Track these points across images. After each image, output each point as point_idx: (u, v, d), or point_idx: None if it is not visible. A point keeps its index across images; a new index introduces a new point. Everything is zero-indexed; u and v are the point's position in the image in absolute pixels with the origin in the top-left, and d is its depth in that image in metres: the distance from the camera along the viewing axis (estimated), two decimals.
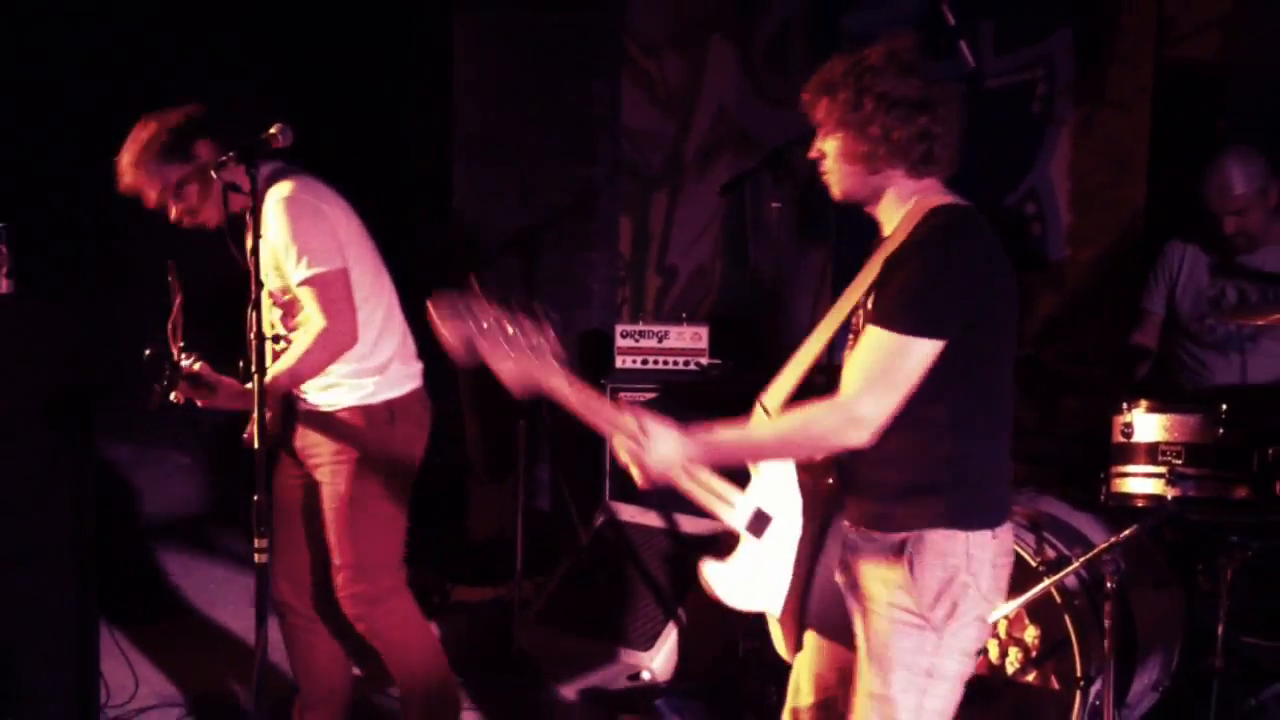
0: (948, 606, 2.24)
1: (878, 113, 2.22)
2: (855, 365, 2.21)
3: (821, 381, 2.41)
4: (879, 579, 2.29)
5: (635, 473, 2.30)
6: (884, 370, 2.17)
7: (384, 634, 3.31)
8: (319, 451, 3.27)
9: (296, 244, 3.08)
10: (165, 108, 3.21)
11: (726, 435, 2.27)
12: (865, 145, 2.25)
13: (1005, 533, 2.32)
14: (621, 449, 2.28)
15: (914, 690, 2.26)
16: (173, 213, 3.24)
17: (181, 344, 3.04)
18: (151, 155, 3.15)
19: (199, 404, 3.11)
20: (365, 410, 3.24)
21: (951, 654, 2.27)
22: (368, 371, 3.25)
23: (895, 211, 2.32)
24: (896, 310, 2.18)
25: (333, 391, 3.25)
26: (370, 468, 3.24)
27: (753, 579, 2.43)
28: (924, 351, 2.16)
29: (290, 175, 3.19)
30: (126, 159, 3.17)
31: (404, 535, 3.36)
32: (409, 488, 3.37)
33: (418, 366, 3.40)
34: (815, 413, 2.21)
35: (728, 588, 2.44)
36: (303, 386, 3.25)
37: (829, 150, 2.33)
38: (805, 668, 2.55)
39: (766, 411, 2.40)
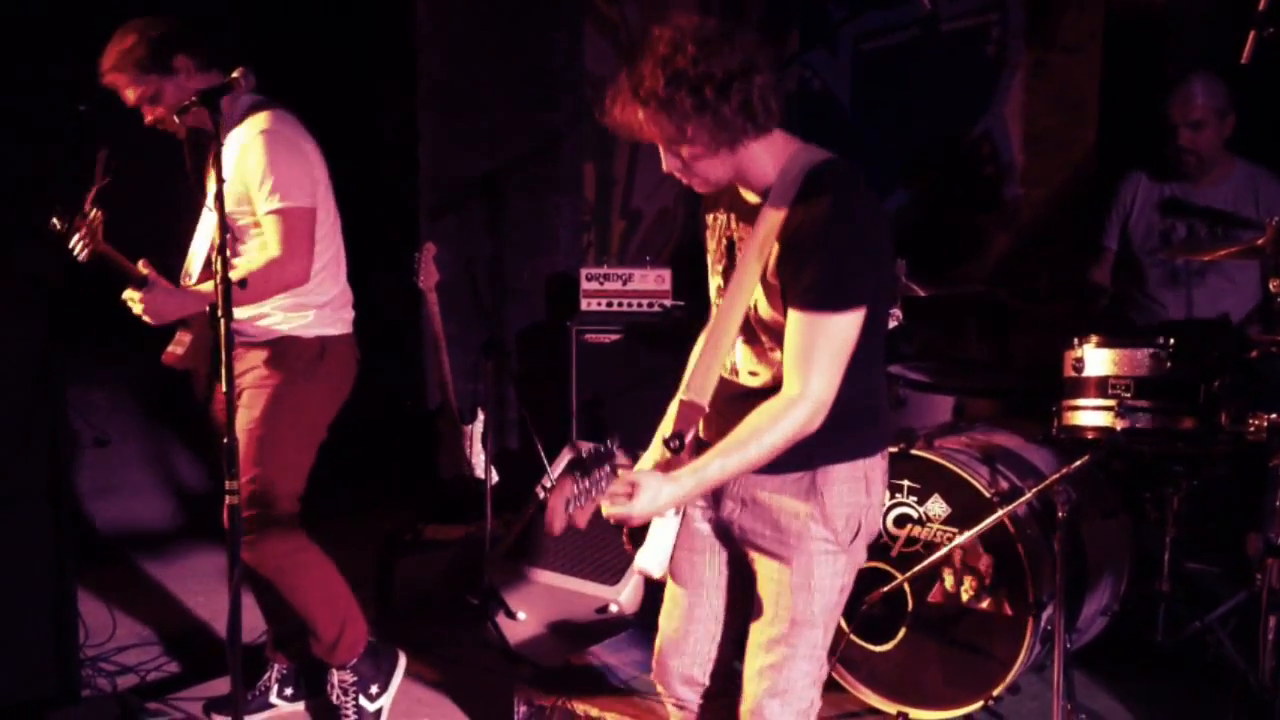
0: (854, 528, 2.40)
1: (723, 95, 2.15)
2: (799, 353, 2.22)
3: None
4: (793, 515, 2.37)
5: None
6: (829, 351, 2.21)
7: (266, 562, 3.28)
8: (247, 379, 3.30)
9: (272, 175, 3.11)
10: (147, 16, 3.22)
11: (710, 468, 2.24)
12: (725, 131, 2.18)
13: (888, 452, 2.49)
14: (608, 510, 2.25)
15: (832, 609, 2.43)
16: (147, 118, 3.28)
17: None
18: (130, 63, 3.19)
19: (144, 315, 3.10)
20: (297, 340, 3.30)
21: (854, 568, 2.46)
22: (307, 306, 3.30)
23: (761, 175, 2.30)
24: (826, 291, 2.20)
25: (266, 319, 3.29)
26: (289, 397, 3.28)
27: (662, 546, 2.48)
28: (857, 320, 2.22)
29: (270, 108, 3.23)
30: (107, 63, 3.21)
31: (306, 472, 3.38)
32: (323, 428, 3.41)
33: (350, 314, 3.46)
34: (778, 412, 2.23)
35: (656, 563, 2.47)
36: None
37: (685, 155, 2.25)
38: (680, 619, 2.61)
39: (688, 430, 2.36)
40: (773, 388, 2.30)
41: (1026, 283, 5.08)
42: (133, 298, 3.10)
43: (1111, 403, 3.59)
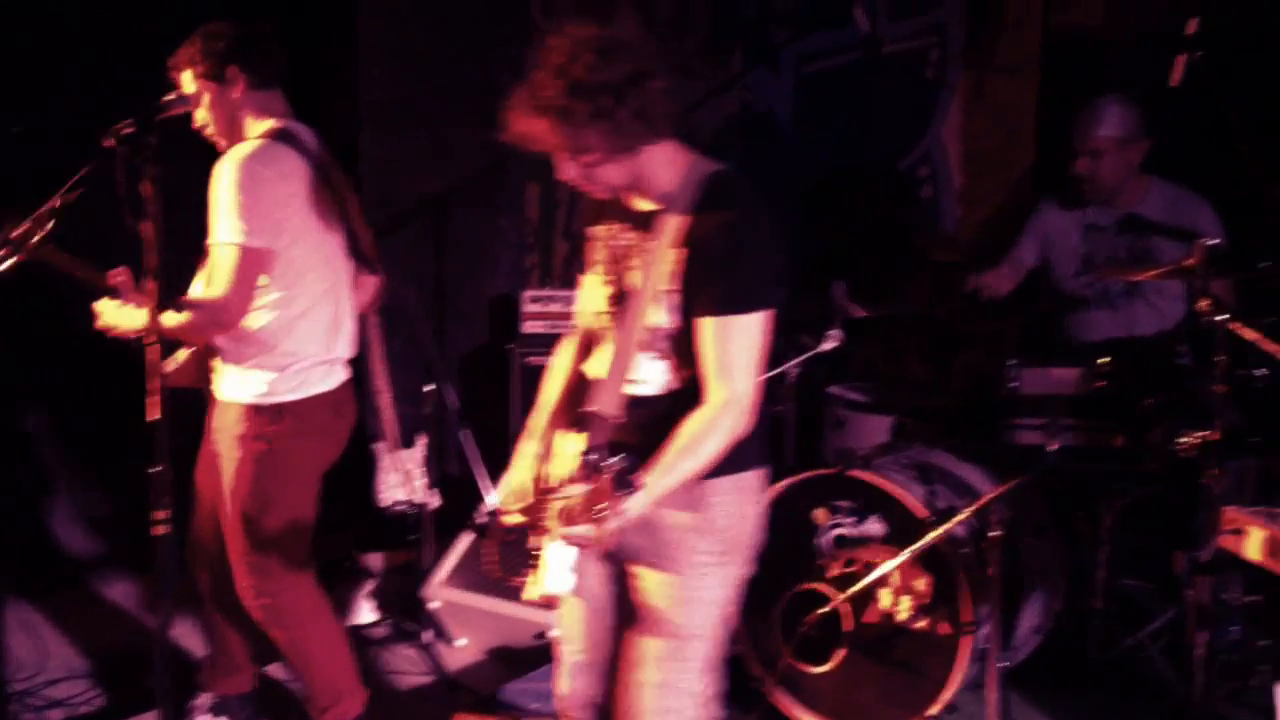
0: (737, 541, 2.42)
1: (619, 102, 2.18)
2: (718, 358, 2.25)
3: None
4: (676, 527, 2.38)
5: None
6: (747, 353, 2.26)
7: (275, 631, 3.25)
8: (219, 439, 3.20)
9: (230, 206, 2.97)
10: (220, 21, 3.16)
11: (659, 482, 2.23)
12: (622, 137, 2.22)
13: (768, 464, 2.50)
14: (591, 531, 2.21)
15: (712, 621, 2.43)
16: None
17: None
18: (185, 62, 3.13)
19: (110, 327, 3.02)
20: (256, 411, 3.13)
21: (738, 580, 2.46)
22: (267, 367, 3.12)
23: (659, 182, 2.33)
24: (738, 295, 2.25)
25: (237, 382, 3.16)
26: (260, 470, 3.13)
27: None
28: (768, 322, 2.29)
29: (270, 139, 3.09)
30: (173, 59, 3.15)
31: (308, 528, 3.27)
32: (310, 490, 3.27)
33: (336, 367, 3.25)
34: (713, 418, 2.25)
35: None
36: (215, 366, 3.21)
37: (584, 163, 2.29)
38: (581, 640, 2.62)
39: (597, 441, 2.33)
40: (667, 395, 2.36)
41: (966, 303, 5.13)
42: (101, 308, 3.03)
43: (1045, 421, 3.64)
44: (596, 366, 2.47)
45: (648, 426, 2.32)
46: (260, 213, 2.99)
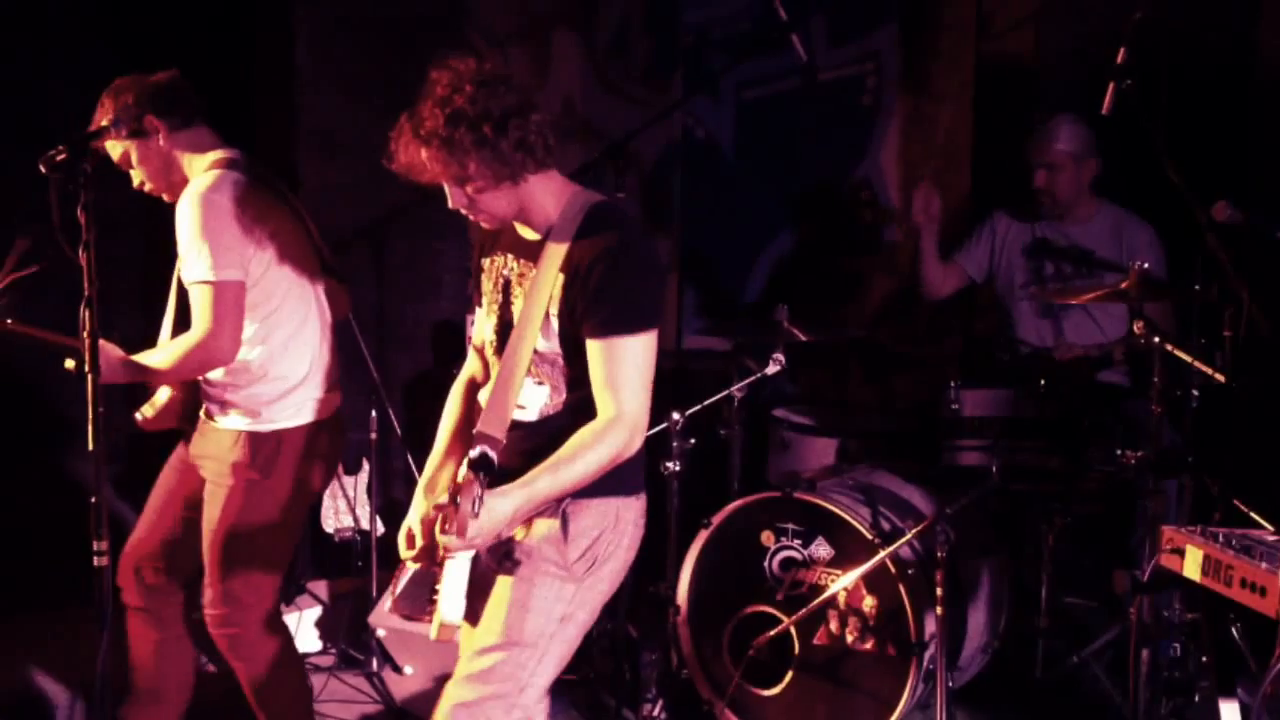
0: (589, 562, 2.43)
1: (501, 132, 2.28)
2: (606, 378, 2.31)
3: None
4: (534, 534, 2.41)
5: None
6: (634, 373, 2.32)
7: (238, 661, 3.19)
8: (206, 465, 3.14)
9: (199, 243, 2.94)
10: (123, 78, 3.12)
11: (539, 482, 2.29)
12: (504, 166, 2.30)
13: (643, 495, 2.52)
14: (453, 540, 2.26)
15: (545, 635, 2.41)
16: (133, 181, 3.20)
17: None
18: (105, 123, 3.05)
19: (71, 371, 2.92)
20: (252, 438, 3.09)
21: (585, 605, 2.46)
22: (263, 395, 3.09)
23: (542, 212, 2.42)
24: (622, 318, 2.32)
25: (228, 412, 3.11)
26: (250, 499, 3.09)
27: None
28: (652, 342, 2.35)
29: (222, 168, 3.06)
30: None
31: (282, 569, 3.22)
32: (298, 521, 3.24)
33: (325, 394, 3.20)
34: (600, 431, 2.31)
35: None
36: (207, 392, 3.16)
37: (469, 192, 2.36)
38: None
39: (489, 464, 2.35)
40: (549, 419, 2.41)
41: (907, 325, 5.20)
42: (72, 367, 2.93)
43: (986, 442, 3.70)
44: (486, 394, 2.50)
45: (530, 451, 2.37)
46: (226, 245, 2.97)
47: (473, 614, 2.43)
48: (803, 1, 4.99)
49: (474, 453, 2.32)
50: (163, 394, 3.23)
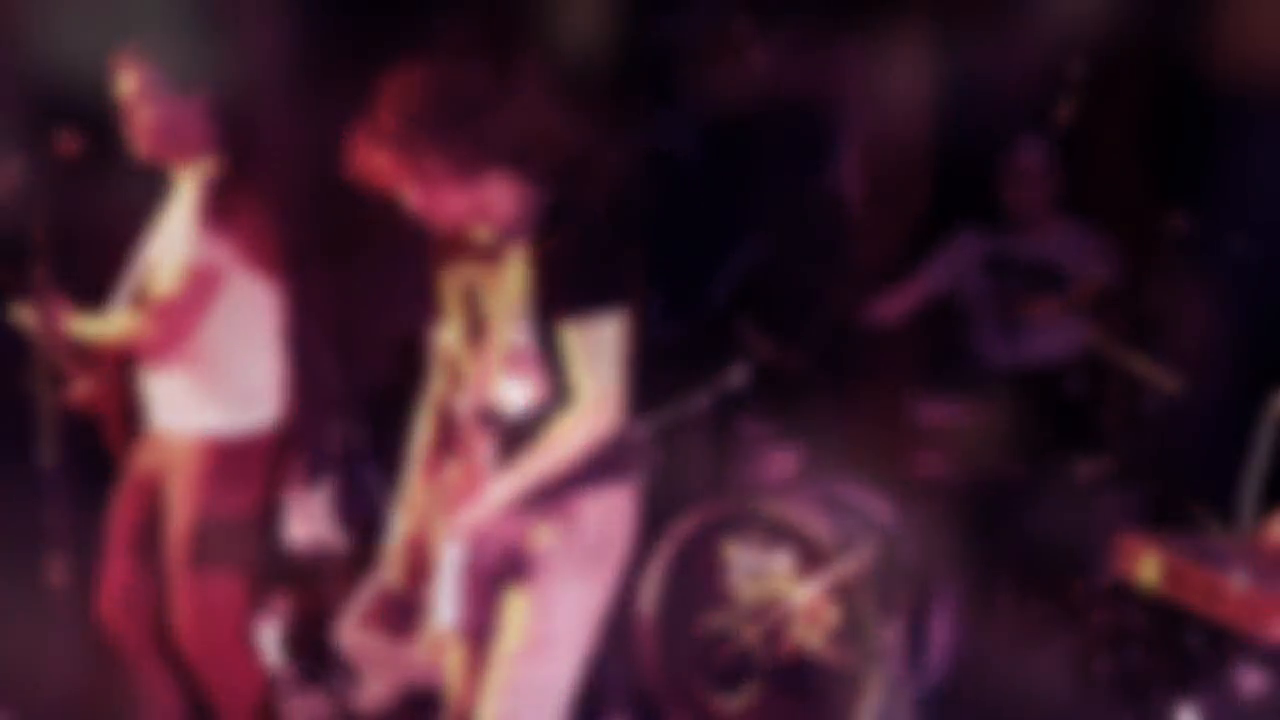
0: (609, 555, 2.46)
1: (459, 129, 2.27)
2: (583, 361, 2.32)
3: None
4: (540, 538, 2.42)
5: None
6: (610, 353, 2.32)
7: (207, 678, 3.14)
8: (170, 478, 3.08)
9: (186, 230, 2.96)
10: None
11: (527, 465, 2.33)
12: (462, 165, 2.30)
13: (640, 485, 2.54)
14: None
15: (567, 634, 2.44)
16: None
17: None
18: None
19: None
20: (217, 443, 3.04)
21: (597, 597, 2.48)
22: (224, 394, 3.05)
23: (501, 210, 2.39)
24: (592, 298, 2.31)
25: (192, 413, 3.05)
26: (220, 509, 3.03)
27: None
28: (623, 323, 2.34)
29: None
30: None
31: (248, 578, 3.17)
32: (264, 528, 3.23)
33: (275, 406, 3.16)
34: (577, 414, 2.33)
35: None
36: (152, 395, 3.11)
37: (427, 194, 2.34)
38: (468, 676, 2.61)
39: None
40: (528, 412, 2.39)
41: (870, 337, 5.22)
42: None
43: (948, 452, 3.72)
44: (461, 402, 2.50)
45: (514, 447, 2.37)
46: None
47: (466, 625, 2.43)
48: (766, 13, 5.02)
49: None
50: (91, 373, 3.14)
